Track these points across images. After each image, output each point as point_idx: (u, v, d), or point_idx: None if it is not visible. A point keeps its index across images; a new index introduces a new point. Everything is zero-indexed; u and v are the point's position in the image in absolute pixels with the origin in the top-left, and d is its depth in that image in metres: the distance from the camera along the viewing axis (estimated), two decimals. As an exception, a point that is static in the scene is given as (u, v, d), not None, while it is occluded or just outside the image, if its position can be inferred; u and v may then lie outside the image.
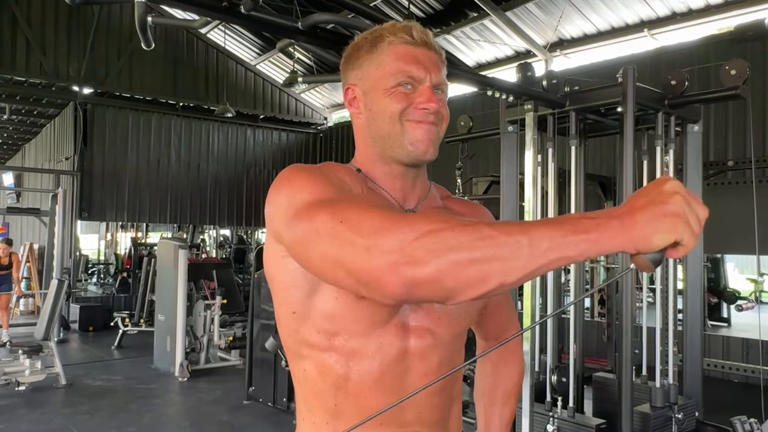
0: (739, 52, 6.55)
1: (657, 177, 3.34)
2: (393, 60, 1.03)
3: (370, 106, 1.05)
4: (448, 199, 1.18)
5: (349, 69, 1.09)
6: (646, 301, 3.84)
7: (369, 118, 1.06)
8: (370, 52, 1.05)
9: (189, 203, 12.08)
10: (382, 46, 1.04)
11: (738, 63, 3.34)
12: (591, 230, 0.70)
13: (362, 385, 1.01)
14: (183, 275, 6.90)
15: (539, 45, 9.22)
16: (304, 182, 0.93)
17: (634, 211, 0.70)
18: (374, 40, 1.05)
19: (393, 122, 1.03)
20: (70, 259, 10.00)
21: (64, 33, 10.69)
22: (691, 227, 0.70)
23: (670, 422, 3.45)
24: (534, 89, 3.48)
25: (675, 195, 0.70)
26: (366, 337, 1.00)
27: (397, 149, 1.04)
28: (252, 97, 12.78)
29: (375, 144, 1.07)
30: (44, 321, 6.37)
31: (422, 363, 1.03)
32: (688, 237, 0.70)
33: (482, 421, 1.32)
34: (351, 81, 1.08)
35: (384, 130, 1.04)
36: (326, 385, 1.03)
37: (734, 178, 6.65)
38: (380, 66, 1.04)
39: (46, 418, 5.31)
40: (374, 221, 0.78)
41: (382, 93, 1.03)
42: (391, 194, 1.07)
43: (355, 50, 1.08)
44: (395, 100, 1.02)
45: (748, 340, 7.07)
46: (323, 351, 1.01)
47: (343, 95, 1.11)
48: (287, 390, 5.35)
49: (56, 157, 12.08)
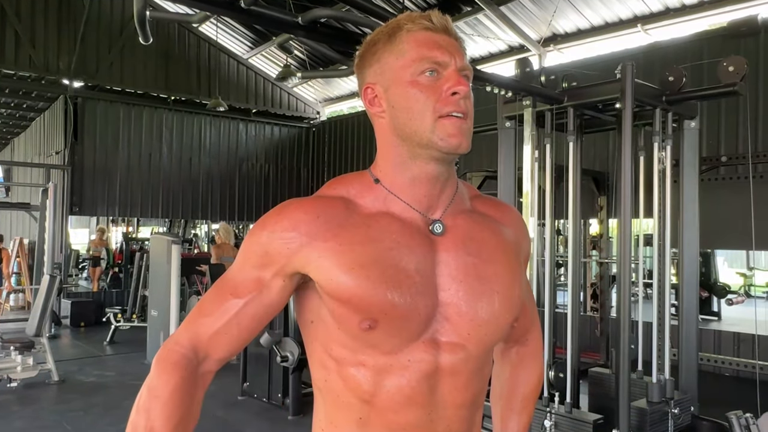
0: (732, 47, 6.58)
1: (654, 174, 3.29)
2: (414, 47, 0.97)
3: (393, 102, 0.99)
4: (476, 199, 1.11)
5: (365, 67, 1.03)
6: (641, 295, 3.86)
7: (393, 116, 0.99)
8: (389, 43, 0.99)
9: (181, 198, 12.00)
10: (400, 35, 0.98)
11: (736, 59, 3.35)
12: None
13: (390, 401, 0.98)
14: (176, 270, 6.86)
15: (533, 40, 9.22)
16: (244, 254, 1.04)
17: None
18: (391, 31, 1.00)
19: (422, 117, 0.96)
20: (61, 254, 9.92)
21: (53, 26, 10.57)
22: None
23: (667, 417, 3.47)
24: (533, 85, 3.47)
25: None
26: (395, 354, 0.97)
27: (427, 145, 0.97)
28: (244, 91, 12.70)
29: (402, 144, 1.00)
30: (36, 317, 6.32)
31: (453, 378, 1.00)
32: None
33: (499, 426, 1.27)
34: (369, 80, 1.02)
35: (411, 127, 0.97)
36: (352, 399, 0.99)
37: (727, 174, 6.69)
38: (401, 56, 0.98)
39: (40, 415, 5.28)
40: (166, 344, 1.06)
41: (406, 85, 0.97)
42: (412, 205, 1.01)
43: (370, 46, 1.02)
44: (422, 93, 0.96)
45: (740, 335, 7.13)
46: (349, 366, 0.98)
47: (362, 98, 1.04)
48: (282, 386, 5.33)
49: (46, 151, 11.96)
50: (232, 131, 12.75)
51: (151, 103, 11.76)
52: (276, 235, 0.99)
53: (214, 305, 1.04)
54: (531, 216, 3.63)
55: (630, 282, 3.37)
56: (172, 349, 1.03)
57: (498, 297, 1.01)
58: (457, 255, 1.00)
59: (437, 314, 0.97)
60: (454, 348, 0.99)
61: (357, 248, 0.96)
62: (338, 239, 0.97)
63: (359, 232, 0.98)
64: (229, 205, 12.63)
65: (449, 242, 1.01)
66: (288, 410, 5.23)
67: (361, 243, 0.97)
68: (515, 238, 1.10)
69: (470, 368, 1.01)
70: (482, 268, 1.01)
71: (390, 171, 1.02)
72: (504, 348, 1.27)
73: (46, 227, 9.10)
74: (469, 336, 0.99)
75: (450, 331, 0.98)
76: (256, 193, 12.93)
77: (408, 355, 0.97)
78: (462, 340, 0.99)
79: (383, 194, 1.01)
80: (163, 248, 7.12)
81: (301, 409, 5.21)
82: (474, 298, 0.99)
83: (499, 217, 1.10)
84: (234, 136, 12.77)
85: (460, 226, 1.03)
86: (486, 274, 1.01)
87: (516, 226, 1.12)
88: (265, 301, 1.02)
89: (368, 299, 0.94)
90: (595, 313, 6.98)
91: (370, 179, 1.04)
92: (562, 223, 7.57)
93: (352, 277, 0.94)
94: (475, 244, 1.02)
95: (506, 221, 1.11)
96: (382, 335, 0.95)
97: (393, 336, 0.95)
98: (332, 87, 13.32)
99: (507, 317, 1.04)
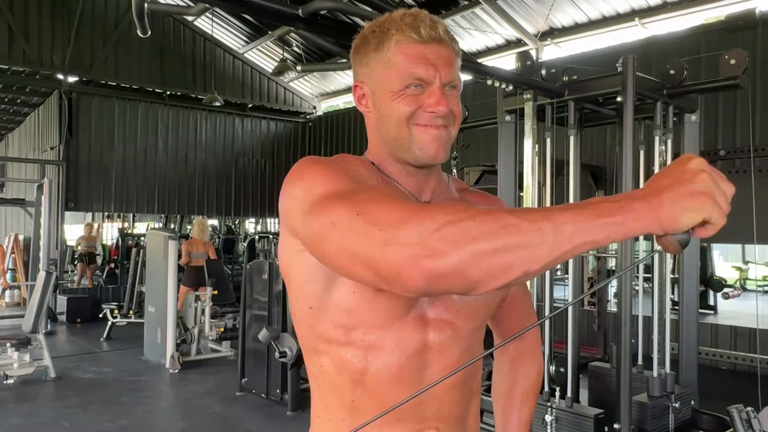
0: (729, 41, 6.57)
1: (654, 168, 3.29)
2: (401, 61, 0.98)
3: (378, 107, 1.03)
4: (464, 191, 1.16)
5: (357, 64, 1.06)
6: (641, 290, 3.86)
7: (377, 119, 1.04)
8: (378, 51, 1.01)
9: (177, 193, 11.95)
10: (389, 45, 0.99)
11: (737, 52, 3.33)
12: (615, 213, 0.69)
13: (380, 380, 0.99)
14: (173, 266, 6.84)
15: (530, 34, 9.19)
16: (319, 175, 0.90)
17: (659, 191, 0.69)
18: (381, 38, 1.01)
19: (400, 127, 1.00)
20: (56, 250, 9.87)
21: (47, 20, 10.48)
22: (719, 205, 0.69)
23: (668, 411, 3.47)
24: (534, 79, 3.45)
25: (701, 173, 0.69)
26: (384, 331, 0.98)
27: (406, 152, 1.01)
28: (240, 85, 12.64)
29: (385, 144, 1.05)
30: (32, 313, 6.28)
31: (442, 356, 1.02)
32: (716, 215, 0.69)
33: (500, 421, 1.29)
34: (359, 78, 1.06)
35: (392, 133, 1.01)
36: (344, 380, 1.01)
37: (725, 168, 6.69)
38: (387, 67, 1.00)
39: (37, 412, 5.25)
40: (392, 213, 0.76)
41: (390, 96, 1.00)
42: (405, 188, 1.05)
43: (363, 44, 1.04)
44: (403, 103, 0.99)
45: (737, 328, 7.15)
46: (341, 346, 1.00)
47: (353, 91, 1.08)
48: (280, 381, 5.32)
49: (41, 146, 11.88)
50: (228, 126, 12.69)
51: (147, 98, 11.70)
52: (345, 162, 1.01)
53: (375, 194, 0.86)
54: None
55: (631, 276, 3.36)
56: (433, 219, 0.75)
57: None
58: None
59: None
60: (443, 325, 1.01)
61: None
62: (385, 182, 1.05)
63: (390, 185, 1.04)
64: (225, 200, 12.59)
65: None
66: (287, 406, 5.22)
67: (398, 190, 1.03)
68: None
69: (459, 347, 1.03)
70: None
71: (380, 160, 1.07)
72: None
73: (41, 223, 9.05)
74: (458, 313, 1.02)
75: (439, 308, 1.01)
76: (252, 188, 12.89)
77: (397, 332, 0.99)
78: (451, 317, 1.01)
79: (380, 174, 1.05)
80: (159, 244, 7.09)
81: (299, 404, 5.19)
82: None
83: (485, 205, 1.14)
84: (230, 131, 12.71)
85: None
86: None
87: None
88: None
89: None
90: (593, 307, 6.99)
91: (366, 161, 1.08)
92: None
93: None
94: None
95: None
96: (369, 308, 0.96)
97: (381, 310, 0.97)
98: (328, 82, 13.27)
99: (494, 296, 1.09)
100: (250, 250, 6.49)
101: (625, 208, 0.69)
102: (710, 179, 0.69)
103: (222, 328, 7.33)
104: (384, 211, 0.77)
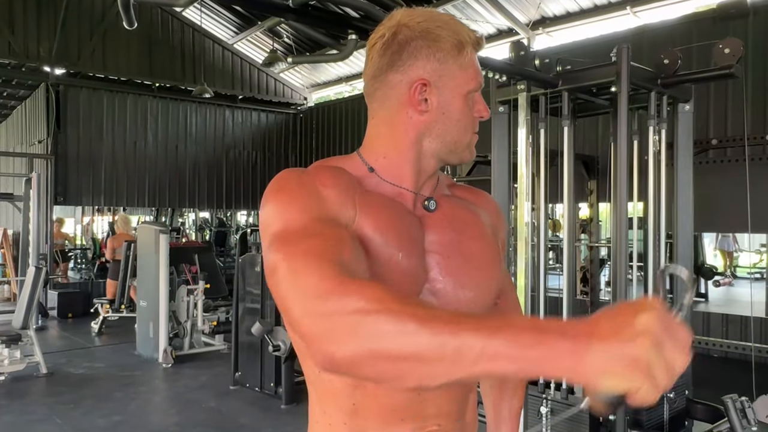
0: (721, 30, 6.56)
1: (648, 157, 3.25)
2: (471, 65, 1.02)
3: (444, 108, 1.00)
4: (453, 186, 1.17)
5: (418, 57, 0.98)
6: (635, 279, 3.85)
7: (437, 121, 1.01)
8: (457, 54, 1.00)
9: (167, 186, 11.86)
10: (467, 51, 1.00)
11: (732, 41, 3.32)
12: (534, 346, 0.61)
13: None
14: (165, 260, 6.79)
15: (521, 23, 9.15)
16: (281, 205, 0.91)
17: (591, 337, 0.60)
18: (460, 44, 1.00)
19: (467, 131, 1.03)
20: (46, 245, 9.78)
21: (33, 11, 10.32)
22: (653, 378, 0.58)
23: (662, 402, 3.48)
24: (527, 69, 3.42)
25: (644, 336, 0.58)
26: None
27: (455, 156, 1.04)
28: (230, 77, 12.53)
29: (429, 143, 1.02)
30: (22, 309, 6.22)
31: None
32: (646, 390, 0.58)
33: (491, 413, 1.29)
34: (424, 75, 0.99)
35: (453, 137, 1.02)
36: (343, 385, 0.99)
37: (716, 157, 6.70)
38: (464, 69, 1.00)
39: (29, 409, 5.21)
40: (314, 279, 0.73)
41: (462, 99, 1.01)
42: (402, 186, 1.03)
43: (433, 41, 0.98)
44: (470, 109, 1.02)
45: (728, 316, 7.20)
46: None
47: (407, 87, 0.99)
48: (274, 374, 5.30)
49: (28, 140, 11.74)
50: (218, 118, 12.59)
51: (135, 90, 11.57)
52: (319, 183, 0.95)
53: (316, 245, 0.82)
54: (526, 201, 3.60)
55: (626, 265, 3.36)
56: (336, 289, 0.74)
57: (482, 273, 1.05)
58: (444, 232, 1.03)
59: (424, 289, 1.00)
60: None
61: (380, 212, 0.98)
62: (365, 199, 0.98)
63: (374, 198, 1.00)
64: (216, 192, 12.51)
65: (436, 220, 1.04)
66: (281, 399, 5.20)
67: (380, 208, 0.98)
68: (491, 222, 1.14)
69: None
70: (466, 245, 1.05)
71: (396, 160, 1.03)
72: None
73: (30, 218, 8.96)
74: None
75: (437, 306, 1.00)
76: (244, 180, 12.81)
77: None
78: None
79: (375, 180, 1.02)
80: (150, 238, 7.04)
81: (294, 397, 5.18)
82: (460, 273, 1.02)
83: (476, 202, 1.15)
84: (220, 123, 12.62)
85: (444, 206, 1.07)
86: (470, 250, 1.05)
87: (492, 211, 1.17)
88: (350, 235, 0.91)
89: (385, 263, 0.95)
90: (585, 296, 7.01)
91: (360, 163, 1.04)
92: (550, 207, 7.55)
93: (379, 236, 0.95)
94: (459, 223, 1.06)
95: (483, 206, 1.15)
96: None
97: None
98: (319, 72, 13.17)
99: (490, 294, 1.08)
100: (242, 242, 6.47)
101: (545, 344, 0.60)
102: (653, 346, 0.58)
103: (215, 322, 7.29)
104: (307, 275, 0.75)
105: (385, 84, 1.01)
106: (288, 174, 0.97)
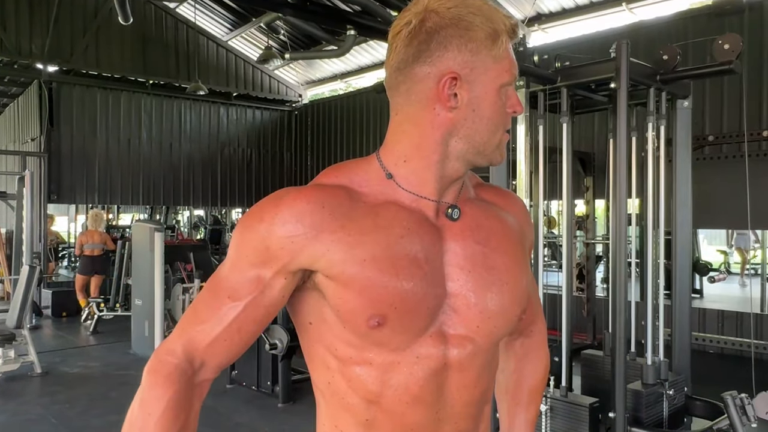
0: (716, 26, 6.56)
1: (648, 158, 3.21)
2: (506, 56, 0.92)
3: (475, 105, 0.91)
4: (479, 187, 1.08)
5: (449, 50, 0.90)
6: (633, 275, 3.85)
7: (467, 118, 0.92)
8: (491, 44, 0.90)
9: (162, 184, 11.80)
10: (501, 41, 0.91)
11: (731, 37, 3.31)
12: None
13: (398, 401, 0.93)
14: (160, 259, 6.74)
15: (518, 19, 9.13)
16: (232, 247, 0.95)
17: None
18: (495, 34, 0.91)
19: (497, 130, 0.95)
20: (40, 244, 9.71)
21: (25, 7, 10.24)
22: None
23: (662, 399, 3.47)
24: (526, 65, 3.40)
25: None
26: (403, 351, 0.92)
27: (483, 157, 0.96)
28: (224, 74, 12.47)
29: (456, 144, 0.94)
30: (16, 308, 6.17)
31: (461, 374, 0.95)
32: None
33: (506, 421, 1.24)
34: (455, 68, 0.90)
35: (482, 136, 0.93)
36: (357, 400, 0.94)
37: (712, 153, 6.71)
38: (498, 60, 0.91)
39: (23, 409, 5.16)
40: (159, 351, 0.96)
41: (495, 93, 0.92)
42: (422, 195, 0.95)
43: (465, 30, 0.89)
44: (502, 105, 0.94)
45: (724, 312, 7.20)
46: (355, 365, 0.93)
47: (436, 81, 0.91)
48: (271, 373, 5.27)
49: (21, 138, 11.66)
50: (213, 115, 12.54)
51: (129, 87, 11.51)
52: (277, 227, 0.89)
53: (210, 310, 0.94)
54: (525, 198, 3.58)
55: (625, 262, 3.34)
56: (164, 359, 0.94)
57: (507, 288, 0.98)
58: (466, 243, 0.96)
59: (445, 305, 0.94)
60: (462, 341, 0.94)
61: (367, 239, 0.90)
62: (346, 230, 0.90)
63: (367, 222, 0.91)
64: (211, 190, 12.46)
65: (457, 230, 0.97)
66: (278, 398, 5.18)
67: (371, 233, 0.91)
68: (520, 227, 1.07)
69: (478, 363, 0.97)
70: (491, 257, 0.97)
71: (417, 165, 0.95)
72: (508, 340, 1.23)
73: (23, 216, 8.89)
74: (478, 329, 0.95)
75: (458, 323, 0.94)
76: (239, 177, 12.77)
77: (416, 351, 0.92)
78: (471, 332, 0.95)
79: (392, 186, 0.95)
80: (145, 236, 6.99)
81: (291, 396, 5.16)
82: (483, 288, 0.95)
83: (503, 205, 1.07)
84: (215, 120, 12.56)
85: (468, 214, 0.99)
86: (495, 263, 0.97)
87: (521, 214, 1.09)
88: (266, 302, 0.93)
89: (379, 293, 0.89)
90: (581, 293, 7.00)
91: (377, 168, 0.96)
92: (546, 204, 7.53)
93: (364, 270, 0.89)
94: (483, 233, 0.99)
95: (511, 209, 1.07)
96: (390, 332, 0.90)
97: (401, 332, 0.91)
98: (314, 69, 13.12)
99: (516, 309, 1.00)
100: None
101: None
102: None
103: (210, 320, 7.24)
104: (175, 329, 0.97)
105: (410, 77, 0.92)
106: (260, 208, 0.92)
